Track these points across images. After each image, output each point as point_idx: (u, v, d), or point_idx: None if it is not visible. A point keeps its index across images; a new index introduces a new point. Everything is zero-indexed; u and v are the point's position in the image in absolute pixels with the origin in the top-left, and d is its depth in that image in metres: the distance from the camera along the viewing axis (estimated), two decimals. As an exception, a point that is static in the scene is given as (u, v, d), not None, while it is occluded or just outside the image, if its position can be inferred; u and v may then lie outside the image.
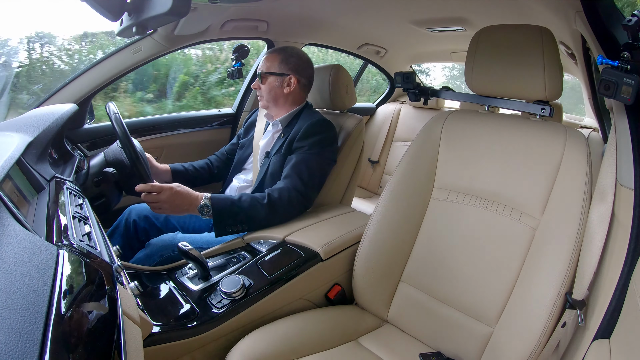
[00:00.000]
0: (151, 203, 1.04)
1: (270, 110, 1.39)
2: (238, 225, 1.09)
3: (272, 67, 1.33)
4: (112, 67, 1.36)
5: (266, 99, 1.36)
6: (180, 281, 0.93)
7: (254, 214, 1.11)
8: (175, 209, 1.06)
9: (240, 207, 1.10)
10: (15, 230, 0.45)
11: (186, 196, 1.07)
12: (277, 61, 1.33)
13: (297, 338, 0.88)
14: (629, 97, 0.64)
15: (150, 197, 1.04)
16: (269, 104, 1.37)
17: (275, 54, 1.35)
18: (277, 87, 1.34)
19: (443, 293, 0.95)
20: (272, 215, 1.14)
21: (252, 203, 1.11)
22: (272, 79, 1.33)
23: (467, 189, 0.98)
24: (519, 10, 1.29)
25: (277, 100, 1.36)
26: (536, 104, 0.97)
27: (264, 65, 1.34)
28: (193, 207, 1.07)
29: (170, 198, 1.04)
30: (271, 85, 1.34)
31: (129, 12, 0.67)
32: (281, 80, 1.34)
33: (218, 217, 1.07)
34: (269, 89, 1.34)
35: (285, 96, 1.36)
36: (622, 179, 0.73)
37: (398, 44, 2.13)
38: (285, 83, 1.34)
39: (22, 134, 0.87)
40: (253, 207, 1.11)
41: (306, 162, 1.22)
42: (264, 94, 1.35)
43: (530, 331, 0.78)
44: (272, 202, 1.13)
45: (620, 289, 0.71)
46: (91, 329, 0.40)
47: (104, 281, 0.52)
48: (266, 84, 1.33)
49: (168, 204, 1.04)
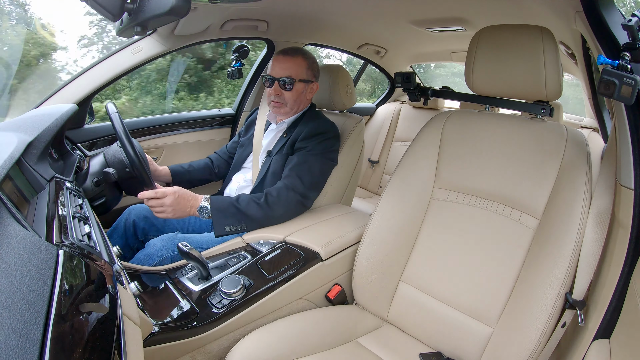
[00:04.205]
0: (155, 208, 1.05)
1: (286, 115, 1.34)
2: (237, 225, 1.10)
3: (302, 74, 1.27)
4: (112, 67, 1.35)
5: (290, 106, 1.29)
6: (180, 281, 0.93)
7: (252, 213, 1.11)
8: (178, 212, 1.07)
9: (238, 207, 1.11)
10: (15, 230, 0.45)
11: (188, 199, 1.08)
12: (305, 67, 1.28)
13: (297, 338, 0.87)
14: (629, 97, 0.64)
15: (154, 202, 1.05)
16: (291, 110, 1.31)
17: (301, 58, 1.28)
18: (303, 93, 1.30)
19: (443, 293, 0.95)
20: (269, 215, 1.14)
21: (250, 203, 1.12)
22: (300, 86, 1.28)
23: (468, 189, 0.98)
24: (519, 10, 1.29)
25: (299, 106, 1.33)
26: (536, 104, 0.98)
27: (292, 71, 1.26)
28: (194, 209, 1.09)
29: (174, 202, 1.05)
30: (299, 92, 1.28)
31: (129, 12, 0.66)
32: (307, 87, 1.30)
33: (217, 217, 1.08)
34: (296, 95, 1.28)
35: (306, 102, 1.34)
36: (622, 179, 0.73)
37: (398, 44, 2.13)
38: (309, 89, 1.32)
39: (22, 134, 0.87)
40: (250, 207, 1.11)
41: (307, 163, 1.21)
42: (289, 101, 1.28)
43: (530, 331, 0.78)
44: (270, 201, 1.13)
45: (620, 289, 0.71)
46: (91, 329, 0.40)
47: (104, 281, 0.52)
48: (294, 90, 1.27)
49: (172, 208, 1.05)
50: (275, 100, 1.28)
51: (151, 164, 1.32)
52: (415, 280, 1.00)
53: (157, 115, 1.81)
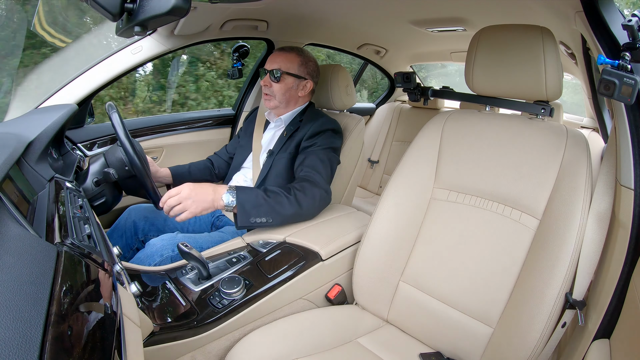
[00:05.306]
0: (176, 208, 0.99)
1: (276, 109, 1.37)
2: (262, 217, 1.04)
3: (292, 68, 1.30)
4: (112, 67, 1.35)
5: (278, 99, 1.32)
6: (180, 281, 0.93)
7: (280, 208, 1.06)
8: (199, 203, 1.00)
9: (266, 198, 1.05)
10: (15, 230, 0.45)
11: (206, 187, 1.02)
12: (297, 63, 1.30)
13: (297, 338, 0.88)
14: (629, 97, 0.64)
15: (173, 200, 0.99)
16: (280, 105, 1.34)
17: (295, 54, 1.31)
18: (292, 88, 1.32)
19: (443, 293, 0.95)
20: (299, 212, 1.10)
21: (280, 196, 1.07)
22: (289, 80, 1.30)
23: (468, 189, 0.98)
24: (519, 10, 1.29)
25: (289, 102, 1.35)
26: (536, 104, 0.98)
27: (282, 64, 1.29)
28: (218, 195, 1.02)
29: (192, 192, 0.99)
30: (288, 86, 1.31)
31: (129, 12, 0.66)
32: (298, 83, 1.32)
33: (243, 207, 1.02)
34: (284, 89, 1.31)
35: (297, 98, 1.35)
36: (622, 179, 0.73)
37: (398, 44, 2.13)
38: (301, 86, 1.34)
39: (22, 134, 0.87)
40: (279, 202, 1.06)
41: (321, 160, 1.23)
42: (277, 94, 1.31)
43: (530, 331, 0.78)
44: (299, 198, 1.09)
45: (620, 289, 0.72)
46: (91, 329, 0.40)
47: (104, 281, 0.52)
48: (282, 83, 1.30)
49: (191, 200, 0.99)
50: (265, 92, 1.33)
51: (151, 165, 1.32)
52: (415, 280, 1.00)
53: (157, 115, 1.80)
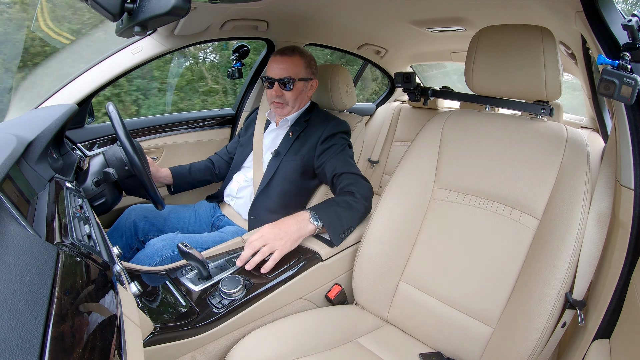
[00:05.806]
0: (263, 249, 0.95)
1: (288, 114, 1.36)
2: (346, 227, 1.06)
3: (300, 73, 1.29)
4: (112, 67, 1.35)
5: (291, 104, 1.32)
6: (180, 281, 0.93)
7: (354, 213, 1.08)
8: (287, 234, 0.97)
9: (342, 208, 1.06)
10: (15, 230, 0.45)
11: (285, 220, 1.00)
12: (302, 65, 1.30)
13: (297, 338, 0.88)
14: (629, 97, 0.64)
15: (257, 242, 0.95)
16: (293, 109, 1.34)
17: (298, 57, 1.30)
18: (304, 91, 1.32)
19: (443, 293, 0.95)
20: (367, 206, 1.12)
21: (348, 203, 1.08)
22: (300, 84, 1.30)
23: (468, 189, 0.98)
24: (519, 10, 1.29)
25: (300, 104, 1.35)
26: (536, 104, 0.98)
27: (291, 71, 1.27)
28: (303, 224, 1.00)
29: (275, 229, 0.97)
30: (299, 91, 1.31)
31: (129, 12, 0.66)
32: (307, 85, 1.32)
33: (331, 228, 1.02)
34: (296, 94, 1.30)
35: (306, 99, 1.36)
36: (622, 179, 0.73)
37: (398, 44, 2.13)
38: (309, 86, 1.34)
39: (22, 134, 0.87)
40: (351, 207, 1.08)
41: (350, 157, 1.26)
42: (290, 100, 1.30)
43: (530, 331, 0.78)
44: (363, 196, 1.12)
45: (620, 289, 0.71)
46: (91, 329, 0.40)
47: (104, 281, 0.52)
48: (294, 90, 1.29)
49: (273, 235, 0.96)
50: (277, 101, 1.31)
51: (152, 166, 1.32)
52: (415, 280, 1.00)
53: (157, 115, 1.81)
